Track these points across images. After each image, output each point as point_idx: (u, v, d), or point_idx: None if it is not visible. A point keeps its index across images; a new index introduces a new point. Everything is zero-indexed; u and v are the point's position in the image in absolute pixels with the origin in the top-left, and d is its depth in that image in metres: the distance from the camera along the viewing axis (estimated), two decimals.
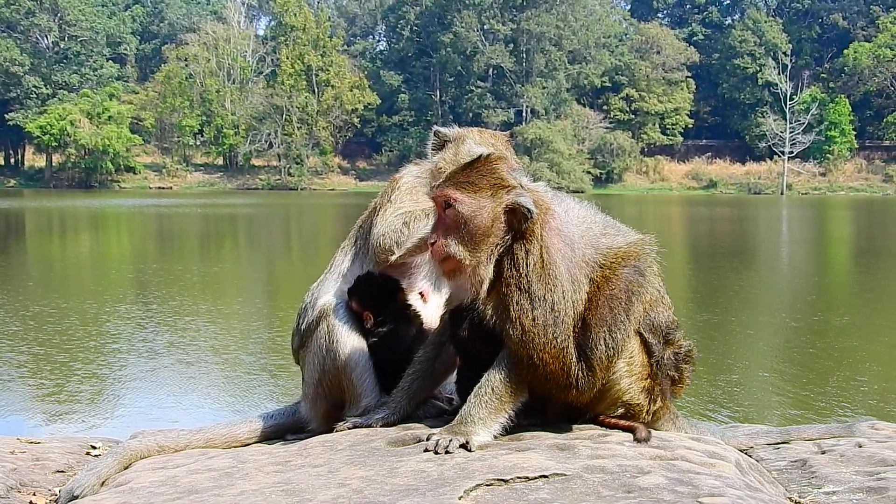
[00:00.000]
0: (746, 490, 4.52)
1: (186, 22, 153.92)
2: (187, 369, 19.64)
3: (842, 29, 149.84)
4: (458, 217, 5.18)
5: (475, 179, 5.22)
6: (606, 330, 5.21)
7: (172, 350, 21.31)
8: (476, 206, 5.18)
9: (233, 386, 18.42)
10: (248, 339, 23.08)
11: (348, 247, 6.47)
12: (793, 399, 17.17)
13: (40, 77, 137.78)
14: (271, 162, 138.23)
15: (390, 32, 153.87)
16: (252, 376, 19.13)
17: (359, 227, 6.48)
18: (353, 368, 6.01)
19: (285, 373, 18.41)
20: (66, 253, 46.36)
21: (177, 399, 17.40)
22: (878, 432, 6.20)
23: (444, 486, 4.46)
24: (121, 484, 5.17)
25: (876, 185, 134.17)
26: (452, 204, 5.18)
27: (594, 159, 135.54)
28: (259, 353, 21.42)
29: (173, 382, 18.56)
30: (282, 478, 4.88)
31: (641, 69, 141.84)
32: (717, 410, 15.87)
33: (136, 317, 25.56)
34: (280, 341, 21.39)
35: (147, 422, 14.88)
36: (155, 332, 23.27)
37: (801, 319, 25.96)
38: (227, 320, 25.31)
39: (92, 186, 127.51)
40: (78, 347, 21.23)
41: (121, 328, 23.84)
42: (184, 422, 14.32)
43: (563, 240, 5.25)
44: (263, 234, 58.87)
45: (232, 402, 17.23)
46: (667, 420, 5.67)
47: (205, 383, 18.72)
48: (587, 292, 5.25)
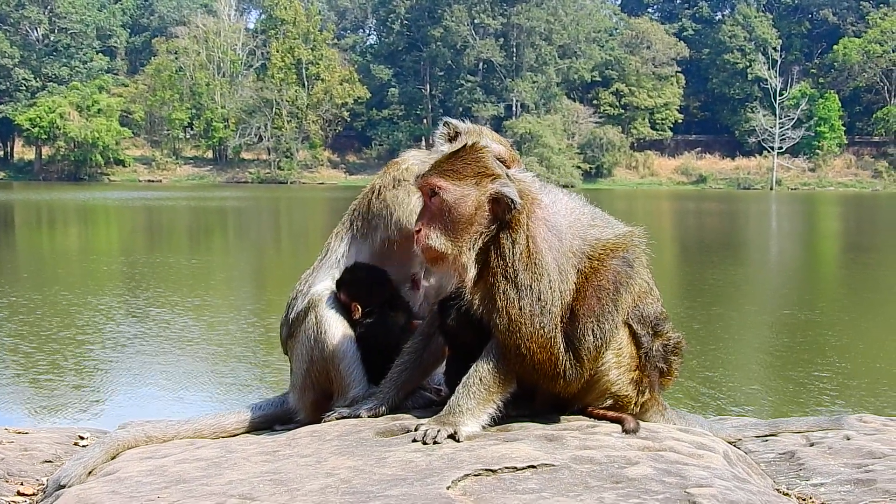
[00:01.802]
0: (734, 481, 4.52)
1: (176, 15, 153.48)
2: (176, 361, 19.65)
3: (832, 24, 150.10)
4: (443, 205, 5.18)
5: (460, 168, 5.22)
6: (594, 321, 5.20)
7: (161, 341, 21.30)
8: (459, 194, 5.17)
9: (221, 377, 18.42)
10: (236, 330, 23.05)
11: (343, 231, 6.41)
12: (781, 392, 17.22)
13: (30, 69, 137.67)
14: (261, 155, 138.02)
15: (380, 26, 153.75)
16: (241, 368, 19.15)
17: (354, 211, 6.41)
18: (341, 359, 5.99)
19: (274, 364, 18.41)
20: (55, 245, 46.31)
21: (166, 390, 17.39)
22: (867, 425, 6.22)
23: (433, 476, 4.46)
24: (108, 473, 5.15)
25: (865, 181, 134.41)
26: (437, 192, 5.18)
27: (584, 154, 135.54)
28: (247, 344, 21.42)
29: (162, 374, 18.56)
30: (270, 467, 4.88)
31: (631, 64, 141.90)
32: (706, 403, 15.89)
33: (125, 309, 25.55)
34: (269, 333, 21.39)
35: (136, 413, 14.84)
36: (144, 324, 23.25)
37: (790, 313, 26.02)
38: (215, 312, 25.28)
39: (81, 179, 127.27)
40: (67, 339, 21.20)
41: (109, 320, 23.81)
42: (173, 413, 14.29)
43: (549, 230, 5.24)
44: (253, 228, 58.85)
45: (221, 393, 17.23)
46: (655, 412, 5.67)
47: (194, 375, 18.71)
48: (575, 283, 5.25)
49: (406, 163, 6.40)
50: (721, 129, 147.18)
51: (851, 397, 16.58)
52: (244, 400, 15.37)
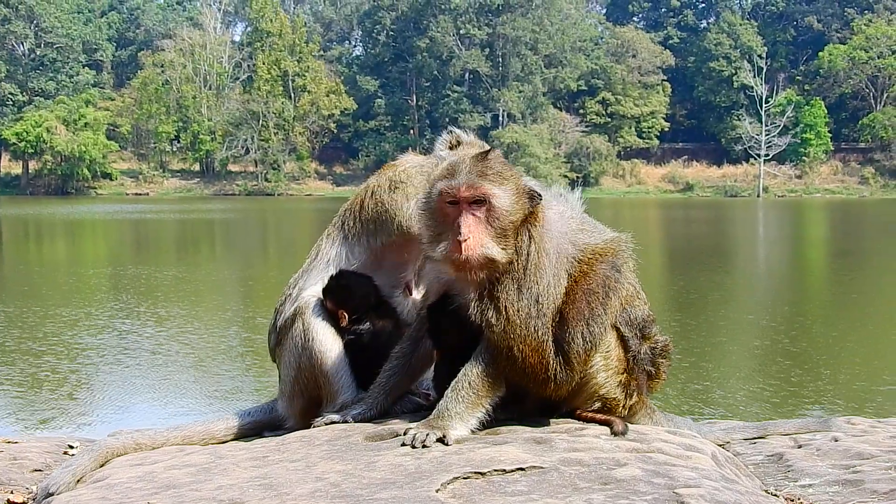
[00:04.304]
0: (722, 482, 4.54)
1: (162, 28, 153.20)
2: (166, 370, 19.66)
3: (816, 31, 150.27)
4: (494, 211, 5.13)
5: (500, 170, 5.20)
6: (584, 324, 5.22)
7: (151, 352, 21.30)
8: (510, 198, 5.15)
9: (211, 386, 18.42)
10: (224, 340, 23.08)
11: (335, 233, 6.40)
12: (769, 395, 17.26)
13: (16, 84, 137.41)
14: (248, 167, 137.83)
15: (366, 37, 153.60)
16: (229, 376, 19.15)
17: (346, 211, 6.40)
18: (329, 366, 6.00)
19: (262, 372, 18.41)
20: (43, 258, 46.23)
21: (155, 400, 17.41)
22: (854, 427, 6.26)
23: (422, 480, 4.47)
24: (98, 480, 5.16)
25: (852, 188, 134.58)
26: (488, 199, 5.12)
27: (570, 163, 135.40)
28: (236, 353, 21.45)
29: (152, 384, 18.57)
30: (259, 472, 4.88)
31: (617, 73, 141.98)
32: (695, 407, 15.92)
33: (113, 320, 25.50)
34: (257, 342, 21.39)
35: (126, 422, 14.88)
36: (132, 335, 23.23)
37: (777, 318, 26.08)
38: (203, 322, 25.27)
39: (68, 193, 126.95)
40: (56, 350, 21.18)
41: (99, 331, 23.78)
42: (163, 422, 14.30)
43: (551, 232, 5.26)
44: (240, 239, 58.78)
45: (210, 401, 17.23)
46: (644, 415, 5.68)
47: (183, 384, 18.72)
48: (565, 287, 5.26)
49: (402, 165, 6.40)
50: (707, 137, 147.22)
51: (839, 399, 16.64)
52: (233, 408, 15.38)
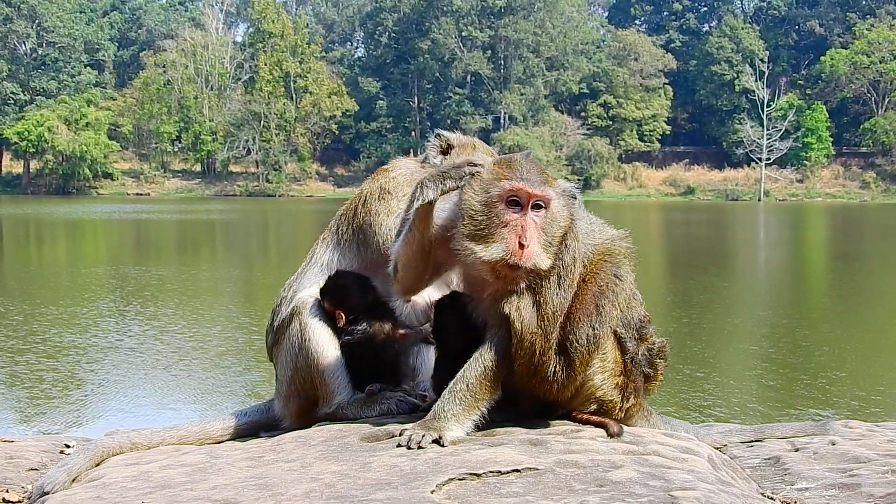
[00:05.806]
0: (718, 484, 4.53)
1: (164, 28, 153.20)
2: (163, 371, 19.67)
3: (818, 36, 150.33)
4: (549, 215, 5.07)
5: (545, 174, 5.16)
6: (590, 326, 5.19)
7: (148, 351, 21.33)
8: (561, 202, 5.11)
9: (208, 386, 18.44)
10: (223, 340, 23.09)
11: (329, 238, 6.40)
12: (767, 398, 17.28)
13: (18, 83, 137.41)
14: (249, 168, 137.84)
15: (368, 39, 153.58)
16: (227, 377, 19.17)
17: (341, 216, 6.40)
18: (326, 366, 5.99)
19: (259, 372, 18.42)
20: (43, 258, 46.25)
21: (152, 400, 17.44)
22: (852, 430, 6.24)
23: (417, 481, 4.47)
24: (93, 479, 5.16)
25: (853, 192, 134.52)
26: (548, 203, 5.07)
27: (572, 166, 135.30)
28: (233, 353, 21.45)
29: (149, 384, 18.60)
30: (255, 472, 4.88)
31: (619, 76, 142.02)
32: (692, 410, 15.93)
33: (111, 320, 25.53)
34: (255, 342, 21.40)
35: (123, 422, 14.91)
36: (130, 335, 23.27)
37: (776, 321, 26.09)
38: (201, 322, 25.28)
39: (69, 193, 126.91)
40: (54, 349, 21.20)
41: (97, 331, 23.80)
42: (160, 422, 14.31)
43: (577, 237, 5.24)
44: (240, 240, 58.80)
45: (207, 401, 17.26)
46: (640, 417, 5.65)
47: (180, 384, 18.74)
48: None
49: (395, 171, 6.38)
50: (709, 141, 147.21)
51: (837, 403, 16.64)
52: (230, 408, 15.38)
